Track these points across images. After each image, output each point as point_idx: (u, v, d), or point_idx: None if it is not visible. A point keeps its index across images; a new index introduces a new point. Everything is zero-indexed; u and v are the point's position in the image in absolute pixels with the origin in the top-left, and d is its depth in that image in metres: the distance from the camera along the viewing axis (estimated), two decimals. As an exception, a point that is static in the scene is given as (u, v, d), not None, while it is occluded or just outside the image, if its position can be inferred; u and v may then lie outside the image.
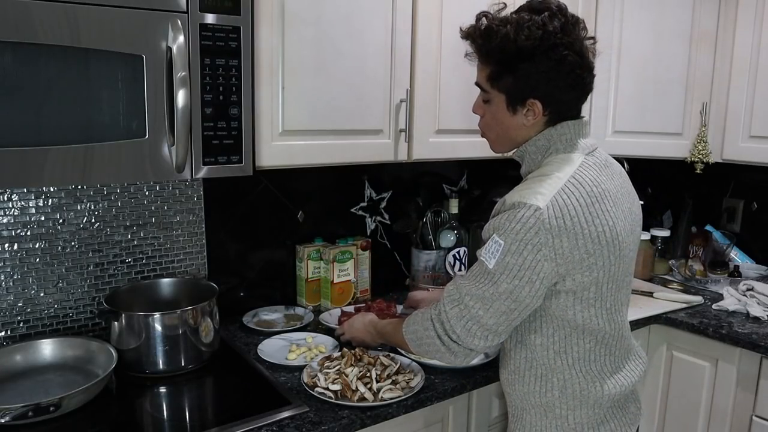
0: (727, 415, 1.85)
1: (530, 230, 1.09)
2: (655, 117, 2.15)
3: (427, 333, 1.23)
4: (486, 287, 1.14)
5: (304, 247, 1.93)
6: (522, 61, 1.14)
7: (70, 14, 1.12)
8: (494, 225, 1.14)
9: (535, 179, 1.16)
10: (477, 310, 1.15)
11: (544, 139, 1.21)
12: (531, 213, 1.09)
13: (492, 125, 1.27)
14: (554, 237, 1.09)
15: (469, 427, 1.57)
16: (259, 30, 1.41)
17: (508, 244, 1.10)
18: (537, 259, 1.09)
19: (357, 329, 1.57)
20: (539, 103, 1.17)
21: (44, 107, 1.13)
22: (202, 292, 1.60)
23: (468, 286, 1.16)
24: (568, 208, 1.11)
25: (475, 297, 1.15)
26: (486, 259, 1.13)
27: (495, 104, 1.23)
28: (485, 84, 1.23)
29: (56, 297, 1.57)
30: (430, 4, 1.70)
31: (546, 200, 1.10)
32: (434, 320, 1.21)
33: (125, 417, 1.34)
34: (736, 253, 2.38)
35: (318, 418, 1.28)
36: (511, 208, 1.12)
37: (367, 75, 1.62)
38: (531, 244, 1.09)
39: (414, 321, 1.29)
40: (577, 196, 1.12)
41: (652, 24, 2.10)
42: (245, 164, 1.38)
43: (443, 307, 1.20)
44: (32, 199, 1.51)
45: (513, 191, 1.17)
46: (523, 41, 1.12)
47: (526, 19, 1.14)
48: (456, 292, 1.18)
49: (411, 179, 2.23)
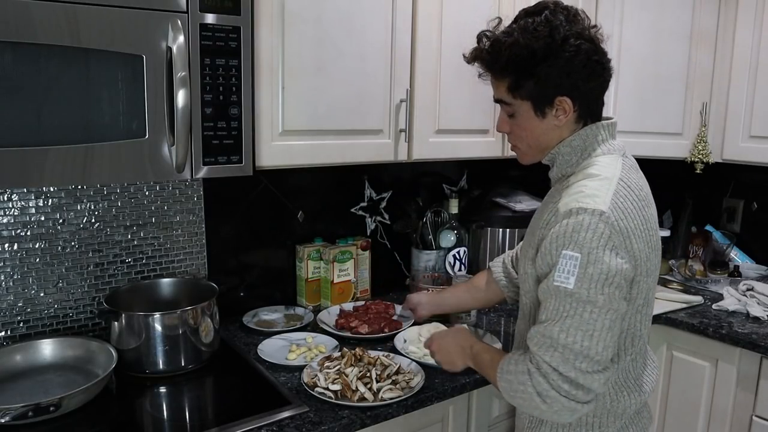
0: (727, 415, 1.85)
1: (602, 235, 1.03)
2: (655, 117, 2.15)
3: (523, 388, 1.08)
4: (579, 311, 1.03)
5: (304, 247, 1.93)
6: (538, 63, 1.12)
7: (70, 14, 1.12)
8: (558, 241, 1.06)
9: (583, 182, 1.12)
10: (581, 342, 1.03)
11: (579, 139, 1.18)
12: (597, 218, 1.04)
13: (522, 136, 1.22)
14: (625, 238, 1.06)
15: (469, 427, 1.57)
16: (259, 30, 1.41)
17: (585, 255, 1.03)
18: (618, 261, 1.04)
19: (451, 350, 1.38)
20: (568, 99, 1.14)
21: (44, 107, 1.13)
22: (202, 292, 1.60)
23: (555, 323, 1.05)
24: (627, 211, 1.08)
25: (573, 329, 1.03)
26: (563, 282, 1.04)
27: (521, 114, 1.19)
28: (507, 97, 1.19)
29: (56, 297, 1.57)
30: (430, 3, 1.70)
31: (606, 203, 1.06)
32: (533, 374, 1.07)
33: (125, 417, 1.34)
34: (736, 253, 2.38)
35: (318, 418, 1.28)
36: (570, 216, 1.06)
37: (367, 75, 1.62)
38: (608, 248, 1.03)
39: (508, 369, 1.13)
40: (631, 200, 1.10)
41: (652, 24, 2.10)
42: (245, 164, 1.38)
43: (540, 358, 1.06)
44: (32, 199, 1.51)
45: (563, 198, 1.11)
46: (534, 43, 1.11)
47: (530, 22, 1.13)
48: (545, 338, 1.06)
49: (411, 179, 2.23)
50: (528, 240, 1.23)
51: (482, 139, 1.91)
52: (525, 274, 1.22)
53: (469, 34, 1.79)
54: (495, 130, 1.91)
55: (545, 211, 1.17)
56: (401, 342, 1.64)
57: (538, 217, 1.22)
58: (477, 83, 1.85)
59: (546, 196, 1.28)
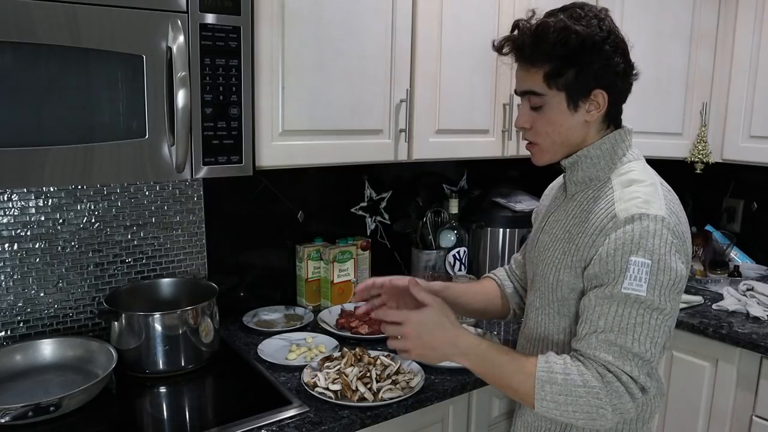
0: (727, 415, 1.85)
1: (667, 241, 1.04)
2: (656, 117, 2.15)
3: (592, 400, 1.03)
4: (647, 318, 1.03)
5: (304, 247, 1.93)
6: (585, 50, 1.09)
7: (70, 14, 1.12)
8: (624, 248, 1.04)
9: (633, 189, 1.10)
10: (651, 350, 1.04)
11: (609, 143, 1.17)
12: (660, 224, 1.04)
13: (547, 131, 1.17)
14: (683, 242, 1.07)
15: (469, 427, 1.57)
16: (259, 30, 1.41)
17: (655, 262, 1.02)
18: (681, 267, 1.05)
19: (436, 345, 1.12)
20: (605, 92, 1.13)
21: (44, 107, 1.13)
22: (202, 292, 1.60)
23: (625, 331, 1.03)
24: (679, 216, 1.09)
25: (643, 337, 1.03)
26: (635, 289, 1.02)
27: (551, 107, 1.14)
28: (540, 86, 1.13)
29: (56, 297, 1.57)
30: (430, 3, 1.70)
31: (663, 208, 1.06)
32: (609, 384, 1.03)
33: (125, 417, 1.34)
34: (736, 253, 2.38)
35: (318, 418, 1.28)
36: (633, 222, 1.05)
37: (367, 75, 1.62)
38: (673, 254, 1.04)
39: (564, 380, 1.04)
40: (676, 203, 1.12)
41: (652, 24, 2.10)
42: (245, 164, 1.38)
43: (617, 368, 1.03)
44: (32, 199, 1.51)
45: (619, 204, 1.09)
46: (584, 29, 1.08)
47: (577, 11, 1.11)
48: (616, 347, 1.03)
49: (411, 179, 2.23)
50: (561, 248, 1.17)
51: (482, 139, 1.91)
52: (558, 283, 1.17)
53: (469, 33, 1.81)
54: (495, 130, 1.93)
55: (591, 218, 1.12)
56: (401, 342, 1.64)
57: (571, 224, 1.17)
58: (477, 83, 1.86)
59: (566, 201, 1.23)
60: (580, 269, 1.12)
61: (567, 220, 1.20)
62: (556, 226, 1.22)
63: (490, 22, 1.83)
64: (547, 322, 1.22)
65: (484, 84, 1.87)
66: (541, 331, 1.24)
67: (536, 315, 1.25)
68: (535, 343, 1.26)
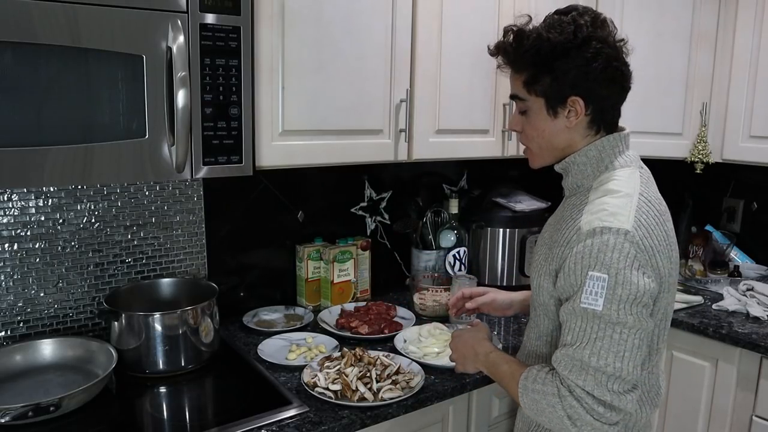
0: (727, 415, 1.85)
1: (628, 255, 1.02)
2: (655, 117, 2.15)
3: (551, 410, 1.06)
4: (609, 333, 1.02)
5: (304, 247, 1.93)
6: (557, 58, 1.11)
7: (70, 14, 1.12)
8: (582, 262, 1.05)
9: (604, 200, 1.10)
10: (614, 364, 1.02)
11: (596, 150, 1.16)
12: (622, 238, 1.03)
13: (533, 136, 1.21)
14: (650, 257, 1.06)
15: (469, 427, 1.57)
16: (259, 30, 1.41)
17: (612, 276, 1.02)
18: (645, 281, 1.03)
19: (465, 353, 1.34)
20: (581, 100, 1.13)
21: (44, 107, 1.13)
22: (202, 292, 1.60)
23: (584, 346, 1.03)
24: (650, 229, 1.07)
25: (604, 351, 1.02)
26: (590, 303, 1.02)
27: (534, 111, 1.18)
28: (522, 91, 1.18)
29: (56, 297, 1.57)
30: (430, 3, 1.70)
31: (630, 221, 1.05)
32: (564, 398, 1.04)
33: (125, 417, 1.34)
34: (736, 253, 2.38)
35: (318, 418, 1.28)
36: (594, 236, 1.05)
37: (367, 75, 1.62)
38: (634, 268, 1.02)
39: (534, 387, 1.09)
40: (652, 216, 1.09)
41: (652, 24, 2.10)
42: (245, 164, 1.38)
43: (572, 382, 1.04)
44: (32, 199, 1.51)
45: (585, 216, 1.09)
46: (556, 37, 1.10)
47: (556, 18, 1.14)
48: (575, 361, 1.04)
49: (411, 179, 2.23)
50: (544, 253, 1.20)
51: (482, 139, 1.91)
52: (539, 288, 1.19)
53: (469, 34, 1.81)
54: (495, 130, 1.93)
55: (564, 227, 1.14)
56: (401, 342, 1.64)
57: (554, 230, 1.19)
58: (477, 83, 1.86)
59: (560, 206, 1.26)
60: (554, 278, 1.14)
61: (553, 227, 1.22)
62: (546, 231, 1.26)
63: (490, 22, 1.83)
64: (539, 323, 1.25)
65: (484, 84, 1.87)
66: (532, 334, 1.28)
67: (533, 316, 1.29)
68: (528, 343, 1.31)
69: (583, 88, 1.13)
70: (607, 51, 1.12)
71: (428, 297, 1.89)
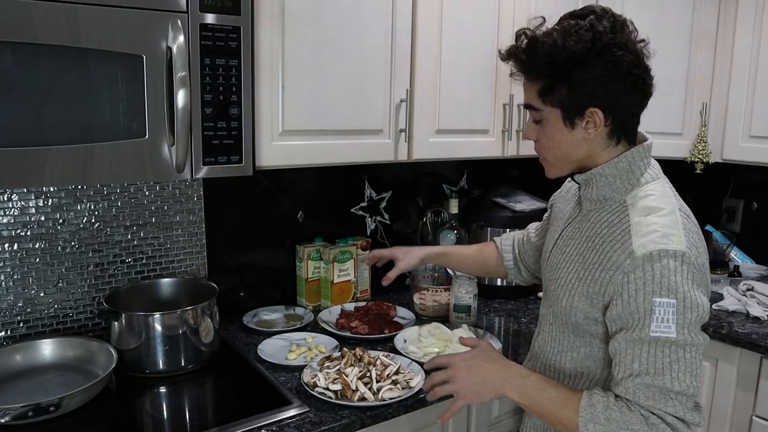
0: (727, 415, 1.85)
1: (689, 277, 1.01)
2: (655, 117, 2.13)
3: None
4: (682, 354, 1.01)
5: (304, 247, 1.93)
6: (574, 68, 1.04)
7: (70, 14, 1.12)
8: (645, 288, 1.02)
9: (650, 219, 1.06)
10: (692, 384, 1.01)
11: (627, 161, 1.12)
12: (680, 260, 1.01)
13: (549, 146, 1.15)
14: (703, 275, 1.05)
15: (469, 427, 1.57)
16: (259, 30, 1.41)
17: (681, 300, 1.00)
18: (704, 300, 1.03)
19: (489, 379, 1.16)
20: (599, 111, 1.07)
21: (44, 107, 1.13)
22: (202, 292, 1.60)
23: (663, 373, 1.01)
24: (699, 247, 1.06)
25: (682, 374, 1.01)
26: (663, 331, 1.00)
27: (549, 122, 1.12)
28: (536, 101, 1.12)
29: (56, 297, 1.57)
30: (430, 4, 1.70)
31: (682, 242, 1.03)
32: (654, 426, 1.01)
33: (125, 417, 1.34)
34: (736, 253, 2.39)
35: (318, 418, 1.28)
36: (653, 261, 1.02)
37: (367, 75, 1.62)
38: (697, 290, 1.02)
39: (609, 416, 1.03)
40: (694, 231, 1.08)
41: (652, 24, 2.09)
42: (245, 164, 1.38)
43: (661, 411, 1.01)
44: (32, 199, 1.51)
45: (636, 239, 1.04)
46: (573, 46, 1.04)
47: (572, 24, 1.06)
48: (656, 390, 1.01)
49: (411, 179, 2.23)
50: (576, 271, 1.14)
51: (482, 139, 1.91)
52: (570, 308, 1.15)
53: (469, 34, 1.81)
54: (495, 130, 1.93)
55: (607, 248, 1.09)
56: (401, 342, 1.64)
57: (587, 249, 1.13)
58: (477, 83, 1.86)
59: (580, 217, 1.20)
60: (599, 304, 1.10)
61: (581, 242, 1.16)
62: (570, 245, 1.19)
63: (490, 23, 1.83)
64: (562, 339, 1.22)
65: (484, 84, 1.87)
66: (556, 346, 1.24)
67: (550, 330, 1.25)
68: (543, 356, 1.27)
69: (602, 99, 1.07)
70: (628, 58, 1.05)
71: (428, 297, 1.89)
